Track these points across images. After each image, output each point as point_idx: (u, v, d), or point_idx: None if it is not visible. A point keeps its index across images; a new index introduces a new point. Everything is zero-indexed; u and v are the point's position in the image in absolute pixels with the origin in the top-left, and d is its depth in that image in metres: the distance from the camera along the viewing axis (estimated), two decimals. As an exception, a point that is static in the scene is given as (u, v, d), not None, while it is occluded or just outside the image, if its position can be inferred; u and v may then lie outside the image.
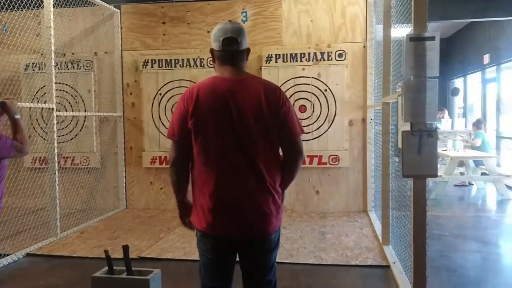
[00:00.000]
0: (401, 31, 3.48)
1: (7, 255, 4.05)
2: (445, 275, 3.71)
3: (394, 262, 3.77)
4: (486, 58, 8.75)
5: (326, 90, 5.74)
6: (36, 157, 6.05)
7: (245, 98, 1.92)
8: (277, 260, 3.95)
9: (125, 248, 2.59)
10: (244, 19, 5.83)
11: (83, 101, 6.13)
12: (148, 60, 6.01)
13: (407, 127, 2.79)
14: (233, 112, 1.90)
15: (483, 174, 7.48)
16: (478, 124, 8.03)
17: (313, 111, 5.77)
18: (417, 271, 2.80)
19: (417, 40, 2.68)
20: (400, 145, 2.90)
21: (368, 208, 5.70)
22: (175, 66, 5.95)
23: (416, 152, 2.71)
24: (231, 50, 1.96)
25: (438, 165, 8.13)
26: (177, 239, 4.58)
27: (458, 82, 11.43)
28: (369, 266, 3.81)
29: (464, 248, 4.55)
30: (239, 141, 1.90)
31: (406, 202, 3.35)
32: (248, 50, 2.04)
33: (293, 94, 5.77)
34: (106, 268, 2.68)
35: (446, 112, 9.40)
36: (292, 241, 4.54)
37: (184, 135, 1.93)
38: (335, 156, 5.75)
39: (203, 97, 1.92)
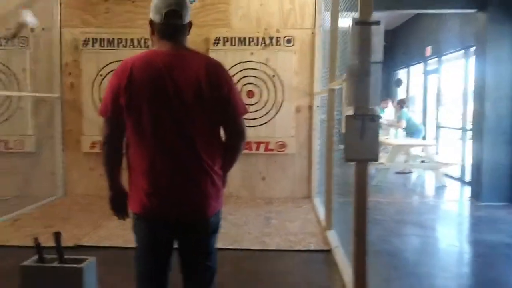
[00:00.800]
0: (348, 19, 3.48)
1: None
2: (385, 259, 3.80)
3: (336, 247, 3.81)
4: (428, 50, 9.06)
5: (274, 76, 5.70)
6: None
7: (183, 74, 1.79)
8: (221, 246, 3.89)
9: (57, 235, 2.43)
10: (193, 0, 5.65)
11: (17, 80, 5.74)
12: (89, 38, 5.70)
13: (350, 111, 2.80)
14: (170, 88, 1.78)
15: (422, 162, 7.77)
16: (401, 103, 8.28)
17: (261, 97, 5.73)
18: (357, 255, 2.82)
19: (363, 24, 2.68)
20: (343, 130, 2.91)
21: (312, 194, 5.76)
22: (118, 46, 5.69)
23: (358, 137, 2.73)
24: (173, 23, 1.83)
25: (381, 153, 8.38)
26: (116, 227, 4.40)
27: (401, 73, 11.78)
28: (312, 251, 3.85)
29: (403, 233, 4.70)
30: (175, 119, 1.79)
31: (349, 188, 3.39)
32: (190, 24, 1.92)
33: (241, 78, 5.69)
34: (37, 256, 2.51)
35: (390, 102, 9.67)
36: (237, 227, 4.50)
37: (117, 111, 1.81)
38: (282, 143, 5.75)
39: (137, 71, 1.79)
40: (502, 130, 5.69)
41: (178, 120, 1.80)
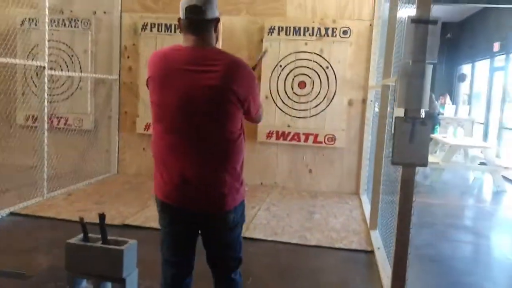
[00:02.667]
0: (408, 11, 3.32)
1: (-10, 212, 4.02)
2: (430, 265, 3.67)
3: (378, 248, 3.72)
4: (497, 46, 8.51)
5: (327, 67, 5.58)
6: (29, 115, 5.96)
7: (203, 71, 1.82)
8: (261, 237, 3.95)
9: (101, 217, 2.52)
10: (249, -13, 5.62)
11: (79, 61, 6.00)
12: (147, 23, 5.84)
13: (400, 112, 2.68)
14: (187, 84, 1.81)
15: (481, 163, 7.38)
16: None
17: (313, 88, 5.64)
18: (397, 260, 2.74)
19: (419, 22, 2.54)
20: (393, 131, 2.80)
21: (360, 190, 5.63)
22: (175, 32, 5.78)
23: (407, 140, 2.61)
24: (195, 18, 1.86)
25: (437, 152, 8.05)
26: (163, 209, 4.53)
27: (466, 68, 11.18)
28: (353, 250, 3.77)
29: (453, 238, 4.50)
30: (190, 115, 1.84)
31: (396, 188, 3.27)
32: (217, 20, 1.93)
33: (294, 69, 5.62)
34: (82, 235, 2.62)
35: (448, 97, 9.26)
36: (279, 218, 4.50)
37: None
38: (331, 136, 5.65)
39: (158, 65, 1.88)
40: None
41: (192, 116, 1.84)
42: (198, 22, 1.87)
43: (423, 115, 2.64)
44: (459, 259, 3.98)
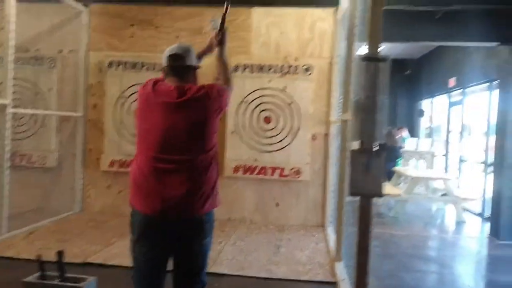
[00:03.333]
0: (363, 50, 3.51)
1: None
2: (392, 295, 3.73)
3: (343, 279, 3.76)
4: (452, 82, 8.97)
5: (291, 103, 5.75)
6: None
7: (187, 100, 2.10)
8: (228, 272, 3.93)
9: (60, 254, 2.50)
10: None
11: (44, 99, 5.97)
12: (113, 61, 5.91)
13: (356, 145, 2.80)
14: (171, 111, 2.09)
15: (443, 195, 7.62)
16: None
17: (278, 123, 5.78)
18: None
19: (370, 60, 2.71)
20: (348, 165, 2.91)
21: (326, 223, 5.71)
22: (141, 69, 5.87)
23: (363, 171, 2.72)
24: (176, 65, 2.20)
25: (401, 184, 8.24)
26: (127, 246, 4.46)
27: (426, 103, 11.67)
28: (318, 282, 3.80)
29: (416, 268, 4.59)
30: (173, 137, 2.09)
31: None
32: (195, 68, 2.29)
33: (259, 105, 5.76)
34: (40, 273, 2.58)
35: (406, 130, 9.67)
36: (247, 253, 4.50)
37: None
38: (296, 169, 5.76)
39: (144, 94, 2.17)
40: (523, 166, 5.56)
41: (176, 139, 2.10)
42: (179, 67, 2.20)
43: (377, 147, 2.76)
44: (421, 289, 4.06)
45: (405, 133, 9.52)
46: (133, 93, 5.82)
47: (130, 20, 5.94)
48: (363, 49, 3.46)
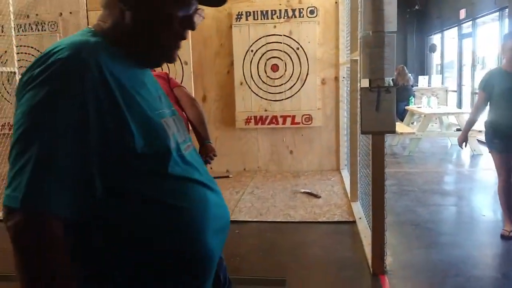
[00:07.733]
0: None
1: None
2: (409, 229, 3.80)
3: (360, 218, 3.84)
4: (463, 13, 8.67)
5: (298, 48, 5.65)
6: (5, 122, 5.90)
7: None
8: (247, 219, 4.03)
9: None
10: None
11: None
12: (114, 20, 5.81)
13: (366, 83, 2.77)
14: None
15: (457, 130, 7.55)
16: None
17: (286, 70, 5.70)
18: (375, 225, 2.85)
19: (375, -8, 2.62)
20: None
21: (341, 166, 5.75)
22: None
23: (374, 109, 2.71)
24: None
25: (414, 123, 8.18)
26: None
27: (436, 39, 11.36)
28: (335, 222, 3.88)
29: (431, 203, 4.64)
30: None
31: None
32: None
33: (265, 52, 5.67)
34: None
35: (405, 68, 9.51)
36: (264, 200, 4.59)
37: None
38: (308, 116, 5.73)
39: None
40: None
41: None
42: None
43: (387, 83, 2.73)
44: (437, 222, 4.11)
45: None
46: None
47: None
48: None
